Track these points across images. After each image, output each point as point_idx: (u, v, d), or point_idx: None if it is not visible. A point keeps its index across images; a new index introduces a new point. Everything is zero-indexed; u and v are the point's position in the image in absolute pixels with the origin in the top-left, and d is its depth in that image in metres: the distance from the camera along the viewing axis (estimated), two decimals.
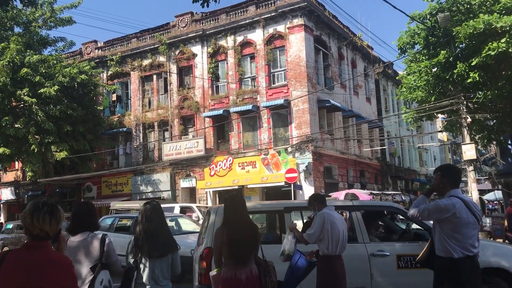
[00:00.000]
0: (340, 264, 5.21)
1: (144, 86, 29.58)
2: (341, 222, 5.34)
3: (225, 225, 4.45)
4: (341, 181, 26.35)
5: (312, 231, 5.20)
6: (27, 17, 24.41)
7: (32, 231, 2.65)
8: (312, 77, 24.65)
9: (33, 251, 2.62)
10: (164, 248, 4.26)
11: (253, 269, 4.28)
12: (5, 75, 20.69)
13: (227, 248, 4.28)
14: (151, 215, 4.35)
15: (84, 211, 4.19)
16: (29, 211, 2.68)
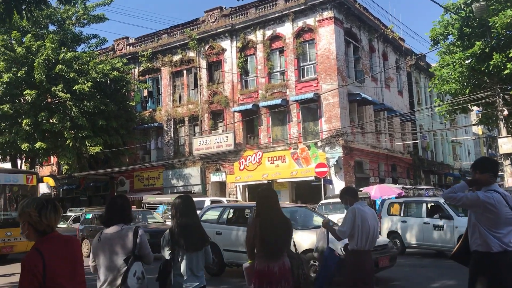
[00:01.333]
0: (368, 259, 5.18)
1: (175, 82, 29.89)
2: (372, 217, 5.28)
3: (257, 218, 4.48)
4: (372, 175, 26.03)
5: (344, 227, 5.19)
6: (61, 15, 25.01)
7: (39, 227, 2.85)
8: (343, 70, 24.38)
9: (55, 241, 2.88)
10: (199, 242, 4.33)
11: (285, 261, 4.30)
12: (41, 72, 21.27)
13: (260, 240, 4.31)
14: (184, 210, 4.40)
15: (118, 204, 4.26)
16: (36, 209, 2.85)
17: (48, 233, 2.88)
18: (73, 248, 2.98)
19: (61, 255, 2.85)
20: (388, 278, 9.38)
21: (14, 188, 15.61)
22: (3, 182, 15.11)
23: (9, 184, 15.32)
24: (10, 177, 15.48)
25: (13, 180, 15.36)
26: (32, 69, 21.73)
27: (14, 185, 15.50)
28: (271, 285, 4.24)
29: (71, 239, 3.06)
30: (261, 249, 4.33)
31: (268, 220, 4.36)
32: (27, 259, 2.79)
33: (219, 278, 9.80)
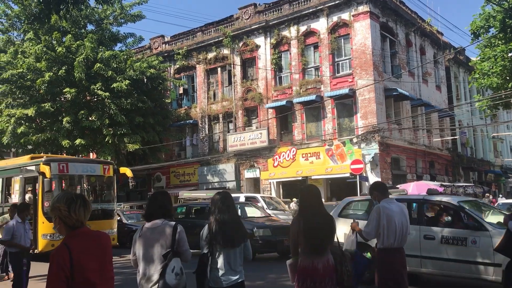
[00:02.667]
0: (399, 257, 5.10)
1: (209, 79, 30.14)
2: (400, 214, 5.17)
3: (301, 215, 4.50)
4: (409, 172, 25.52)
5: (369, 227, 5.16)
6: (99, 15, 25.61)
7: (68, 222, 2.91)
8: (379, 65, 23.97)
9: (84, 236, 2.94)
10: (237, 238, 4.35)
11: (329, 258, 4.31)
12: (80, 71, 21.85)
13: (304, 237, 4.33)
14: (224, 206, 4.43)
15: (159, 200, 4.33)
16: (66, 203, 2.90)
17: (78, 227, 2.92)
18: (101, 243, 3.00)
19: (90, 250, 2.89)
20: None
21: (91, 179, 15.10)
22: (80, 172, 14.56)
23: (86, 175, 14.75)
24: (88, 167, 14.81)
25: (90, 171, 14.70)
26: (72, 68, 22.35)
27: (92, 176, 14.94)
28: (315, 282, 4.25)
29: (101, 235, 3.09)
30: (305, 246, 4.35)
31: (311, 217, 4.37)
32: (55, 253, 2.85)
33: (256, 274, 9.84)
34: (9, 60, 22.75)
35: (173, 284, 4.00)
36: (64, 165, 13.86)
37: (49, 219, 12.55)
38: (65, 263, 2.77)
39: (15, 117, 21.88)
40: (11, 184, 15.09)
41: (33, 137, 22.21)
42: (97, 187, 15.50)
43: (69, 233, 2.92)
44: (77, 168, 14.40)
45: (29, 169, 14.13)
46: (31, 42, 23.11)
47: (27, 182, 14.28)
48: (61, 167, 13.69)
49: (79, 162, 15.27)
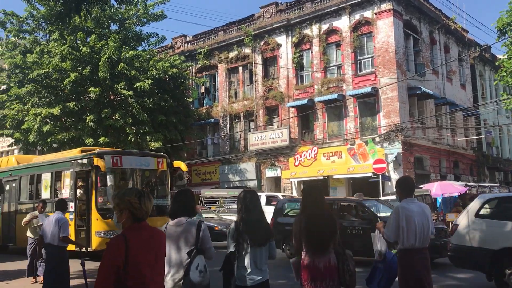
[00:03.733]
0: (420, 257, 4.99)
1: (231, 78, 30.23)
2: (420, 214, 5.06)
3: (302, 214, 4.53)
4: (433, 172, 25.14)
5: (388, 229, 5.09)
6: (122, 15, 25.92)
7: (138, 214, 3.02)
8: (402, 64, 23.67)
9: (143, 230, 3.04)
10: (263, 237, 4.38)
11: (331, 258, 4.30)
12: (104, 71, 22.16)
13: (305, 236, 4.36)
14: (250, 206, 4.45)
15: (183, 198, 4.37)
16: (136, 196, 3.04)
17: (143, 220, 3.05)
18: (157, 239, 3.11)
19: (146, 244, 2.99)
20: None
21: (145, 173, 14.30)
22: (134, 165, 13.81)
23: (140, 169, 14.00)
24: (141, 160, 13.98)
25: (144, 164, 13.92)
26: (96, 68, 22.68)
27: (146, 170, 14.15)
28: (315, 281, 4.26)
29: (158, 232, 3.20)
30: (306, 245, 4.38)
31: (313, 216, 4.40)
32: (113, 241, 2.97)
33: (279, 272, 9.83)
34: (36, 60, 23.21)
35: (197, 281, 4.03)
36: (118, 158, 13.20)
37: (103, 215, 12.43)
38: (120, 253, 2.87)
39: (41, 116, 22.30)
40: (61, 179, 14.50)
41: (58, 136, 22.61)
42: (150, 181, 14.71)
43: (130, 225, 3.03)
44: (131, 162, 13.69)
45: (81, 163, 13.49)
46: (57, 42, 23.52)
47: (78, 176, 13.69)
48: (114, 160, 13.03)
49: (132, 155, 14.46)
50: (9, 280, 10.57)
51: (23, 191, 16.06)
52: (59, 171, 14.49)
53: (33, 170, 15.76)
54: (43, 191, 14.99)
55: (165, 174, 14.63)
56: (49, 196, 14.43)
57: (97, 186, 12.65)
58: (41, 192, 15.08)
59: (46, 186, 14.89)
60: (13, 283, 10.34)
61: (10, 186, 16.70)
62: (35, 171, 15.61)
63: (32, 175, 15.71)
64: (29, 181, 15.88)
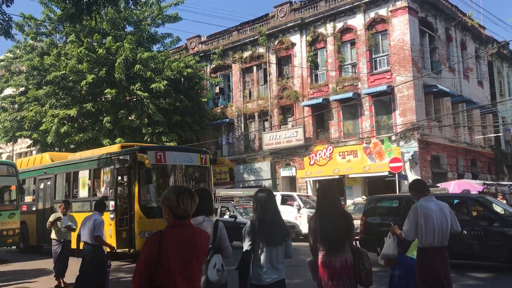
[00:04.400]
0: (439, 256, 4.95)
1: (245, 78, 30.27)
2: (439, 212, 5.01)
3: (317, 213, 4.54)
4: (450, 170, 24.85)
5: (407, 228, 5.05)
6: (137, 16, 26.14)
7: (177, 212, 3.08)
8: (418, 61, 23.44)
9: (182, 228, 3.08)
10: (279, 237, 4.38)
11: (348, 257, 4.30)
12: (120, 72, 22.39)
13: (320, 236, 4.37)
14: (266, 205, 4.45)
15: (200, 197, 4.39)
16: (175, 194, 3.10)
17: (185, 218, 3.08)
18: (193, 238, 3.07)
19: (182, 242, 3.01)
20: None
21: (189, 170, 13.64)
22: (178, 162, 13.16)
23: (184, 165, 13.33)
24: (185, 156, 13.31)
25: (188, 160, 13.24)
26: (112, 69, 22.91)
27: (189, 166, 13.48)
28: (332, 280, 4.25)
29: (196, 231, 3.16)
30: (321, 244, 4.37)
31: (327, 216, 4.39)
32: (149, 237, 3.06)
33: (296, 271, 9.82)
34: (53, 62, 23.52)
35: (215, 280, 4.05)
36: (161, 154, 12.54)
37: (147, 214, 11.93)
38: (154, 249, 2.93)
39: (58, 117, 22.59)
40: (100, 176, 13.90)
41: (76, 137, 22.90)
42: (194, 178, 13.97)
43: (171, 223, 3.09)
44: (174, 158, 13.00)
45: (123, 159, 12.80)
46: (73, 44, 23.81)
47: (119, 173, 13.15)
48: (158, 157, 12.37)
49: (176, 150, 13.86)
50: (30, 278, 10.74)
51: (58, 190, 15.57)
52: (98, 168, 13.90)
53: (70, 167, 15.23)
54: (80, 190, 14.52)
55: (207, 170, 13.91)
56: (87, 195, 14.12)
57: (140, 184, 12.03)
58: (78, 190, 14.65)
59: (83, 184, 14.38)
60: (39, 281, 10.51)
61: (44, 184, 16.21)
62: (72, 168, 15.07)
63: (68, 173, 15.18)
64: (65, 179, 15.34)
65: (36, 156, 18.91)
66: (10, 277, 10.33)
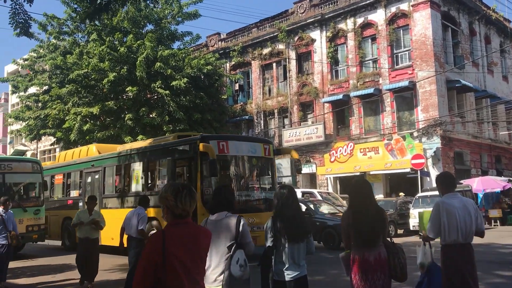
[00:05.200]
0: (463, 253, 4.86)
1: (264, 75, 30.24)
2: (462, 209, 4.90)
3: (350, 209, 4.53)
4: (473, 167, 24.43)
5: (430, 225, 4.97)
6: (157, 15, 26.30)
7: (175, 211, 2.97)
8: (440, 56, 23.07)
9: (184, 227, 2.96)
10: (301, 233, 4.39)
11: (381, 252, 4.28)
12: (141, 70, 22.56)
13: (353, 231, 4.36)
14: (287, 201, 4.45)
15: (222, 193, 4.42)
16: (172, 193, 2.97)
17: (184, 217, 2.97)
18: (197, 238, 2.98)
19: (185, 241, 2.92)
20: None
21: (253, 161, 12.44)
22: (241, 152, 12.03)
23: (247, 156, 12.17)
24: (248, 146, 12.23)
25: (251, 151, 12.16)
26: (133, 67, 23.11)
27: (253, 157, 12.31)
28: (367, 274, 4.24)
29: (201, 230, 3.09)
30: (355, 239, 4.36)
31: (361, 211, 4.37)
32: (151, 237, 2.97)
33: (316, 269, 9.78)
34: (75, 61, 23.82)
35: (238, 276, 4.06)
36: (224, 144, 11.50)
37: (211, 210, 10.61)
38: (157, 248, 2.83)
39: (81, 115, 22.88)
40: (155, 169, 13.08)
41: (98, 134, 23.17)
42: (257, 171, 12.80)
43: (171, 221, 3.00)
44: (238, 148, 11.91)
45: (182, 149, 11.97)
46: (95, 43, 24.09)
47: (177, 165, 12.21)
48: (220, 147, 11.32)
49: (238, 140, 12.78)
50: (55, 273, 10.94)
51: (107, 184, 14.57)
52: (153, 159, 13.06)
53: (120, 159, 14.19)
54: (132, 183, 13.57)
55: (271, 162, 12.74)
56: (140, 189, 13.15)
57: (203, 177, 10.98)
58: (130, 184, 13.74)
59: (136, 178, 13.40)
60: (59, 276, 10.71)
61: (92, 178, 15.25)
62: (122, 161, 14.06)
63: (118, 165, 14.18)
64: (115, 172, 14.39)
65: (81, 148, 17.72)
66: (36, 271, 10.51)
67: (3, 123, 48.93)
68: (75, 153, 17.33)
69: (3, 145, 53.38)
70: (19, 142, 45.40)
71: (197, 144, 11.05)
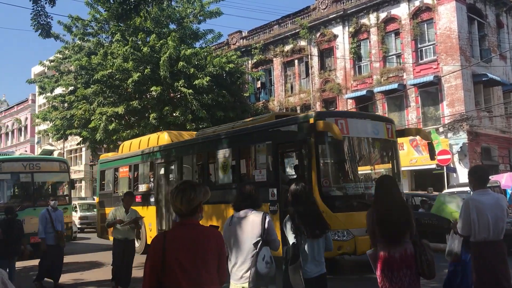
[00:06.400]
0: (494, 251, 4.78)
1: (286, 72, 30.16)
2: (494, 206, 4.82)
3: (375, 205, 4.52)
4: (502, 163, 23.88)
5: (460, 223, 4.92)
6: (180, 14, 26.49)
7: (174, 209, 2.98)
8: (466, 50, 22.61)
9: (185, 228, 2.92)
10: (319, 229, 4.40)
11: (408, 248, 4.25)
12: (164, 69, 22.78)
13: (378, 227, 4.35)
14: (301, 198, 4.45)
15: (247, 191, 4.44)
16: (171, 192, 2.98)
17: (188, 217, 2.92)
18: (199, 239, 2.88)
19: (185, 242, 2.85)
20: None
21: (375, 144, 10.25)
22: (362, 133, 9.78)
23: (369, 138, 9.93)
24: (370, 126, 9.84)
25: (374, 132, 9.80)
26: (157, 67, 23.34)
27: (375, 140, 10.02)
28: (392, 271, 4.22)
29: (205, 232, 2.97)
30: (381, 236, 4.35)
31: (385, 207, 4.36)
32: (154, 237, 2.97)
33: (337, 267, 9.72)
34: (100, 61, 24.20)
35: (264, 272, 4.07)
36: (343, 123, 9.15)
37: (333, 206, 8.68)
38: (157, 251, 2.81)
39: (106, 114, 23.24)
40: (250, 155, 11.19)
41: (123, 133, 23.51)
42: (378, 158, 10.64)
43: (178, 222, 3.00)
44: (358, 128, 9.63)
45: (287, 131, 9.75)
46: (119, 43, 24.41)
47: (283, 149, 10.58)
48: (339, 125, 8.91)
49: (359, 117, 10.55)
50: (83, 270, 11.13)
51: (186, 175, 12.61)
52: (246, 145, 10.95)
53: (203, 146, 12.26)
54: (220, 174, 11.42)
55: (394, 146, 10.40)
56: (231, 180, 11.08)
57: (319, 164, 8.90)
58: (216, 175, 11.80)
59: (224, 167, 11.19)
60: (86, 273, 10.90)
61: (166, 169, 13.37)
62: (206, 147, 12.08)
63: (199, 154, 12.37)
64: (196, 161, 12.59)
65: (150, 136, 15.70)
66: (64, 269, 10.73)
67: (31, 123, 50.11)
68: (143, 142, 15.47)
69: (31, 145, 54.62)
70: (46, 142, 46.37)
71: (310, 122, 8.96)
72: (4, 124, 61.42)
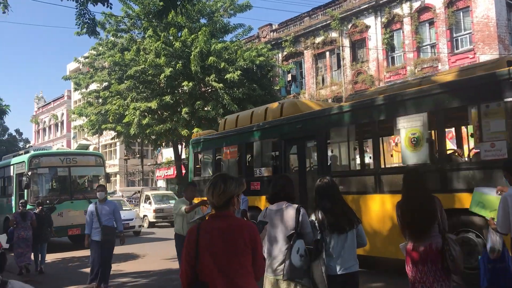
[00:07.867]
0: None
1: (317, 64, 29.89)
2: None
3: (402, 199, 4.52)
4: None
5: (498, 220, 4.72)
6: (210, 8, 26.59)
7: (209, 202, 3.06)
8: (504, 38, 21.83)
9: (218, 220, 2.98)
10: (344, 224, 4.27)
11: (433, 242, 4.20)
12: (196, 64, 22.95)
13: (405, 222, 4.38)
14: (325, 193, 4.38)
15: (281, 183, 4.43)
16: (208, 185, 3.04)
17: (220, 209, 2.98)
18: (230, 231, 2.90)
19: (218, 234, 2.90)
20: None
21: None
22: None
23: None
24: None
25: None
26: (188, 62, 23.54)
27: None
28: (417, 265, 4.21)
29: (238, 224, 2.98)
30: (406, 229, 4.38)
31: (410, 201, 4.35)
32: (190, 228, 3.08)
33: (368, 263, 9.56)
34: (133, 57, 24.57)
35: (298, 265, 4.06)
36: None
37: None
38: (191, 241, 2.90)
39: (140, 109, 23.62)
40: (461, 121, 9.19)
41: (156, 128, 23.87)
42: None
43: (213, 214, 3.05)
44: None
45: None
46: (151, 39, 24.71)
47: None
48: None
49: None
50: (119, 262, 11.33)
51: (334, 156, 9.84)
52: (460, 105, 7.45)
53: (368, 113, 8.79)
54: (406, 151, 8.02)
55: None
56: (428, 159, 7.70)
57: None
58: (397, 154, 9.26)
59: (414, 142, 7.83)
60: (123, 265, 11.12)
61: (301, 149, 10.44)
62: (373, 115, 8.68)
63: (364, 124, 9.18)
64: (355, 135, 9.56)
65: (267, 107, 11.99)
66: None
67: (67, 119, 51.50)
68: (257, 114, 11.88)
69: (67, 140, 56.21)
70: (82, 137, 47.58)
71: None
72: (42, 120, 63.40)
